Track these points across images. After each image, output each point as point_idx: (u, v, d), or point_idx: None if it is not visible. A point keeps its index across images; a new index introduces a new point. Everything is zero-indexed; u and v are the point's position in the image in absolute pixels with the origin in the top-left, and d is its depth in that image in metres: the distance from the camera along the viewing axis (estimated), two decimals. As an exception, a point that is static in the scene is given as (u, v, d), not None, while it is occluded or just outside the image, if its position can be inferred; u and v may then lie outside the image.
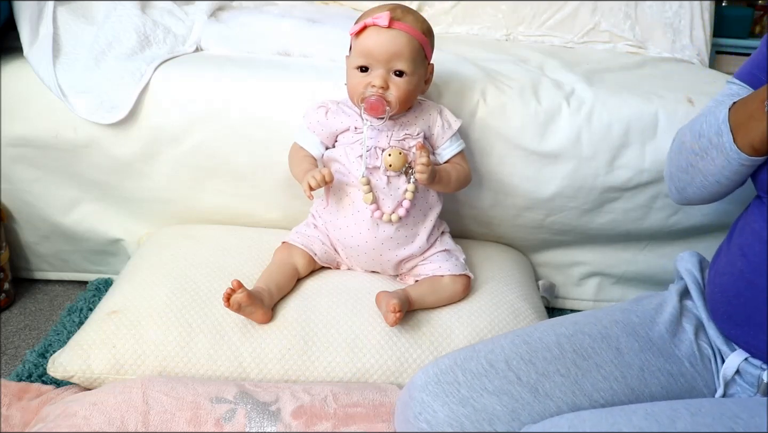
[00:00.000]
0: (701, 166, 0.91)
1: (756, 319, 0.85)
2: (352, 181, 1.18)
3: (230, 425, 0.97)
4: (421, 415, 0.85)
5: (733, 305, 0.89)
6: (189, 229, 1.38)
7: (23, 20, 1.34)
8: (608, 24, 1.71)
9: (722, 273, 0.92)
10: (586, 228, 1.42)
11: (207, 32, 1.49)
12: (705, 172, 0.91)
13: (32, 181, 1.40)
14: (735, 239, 0.91)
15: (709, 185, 0.92)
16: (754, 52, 0.97)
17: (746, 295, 0.86)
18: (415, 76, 1.14)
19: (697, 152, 0.92)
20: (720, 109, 0.89)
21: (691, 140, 0.93)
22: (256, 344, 1.11)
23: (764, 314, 0.84)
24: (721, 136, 0.87)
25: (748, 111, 0.84)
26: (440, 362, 0.90)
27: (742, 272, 0.87)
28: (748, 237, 0.88)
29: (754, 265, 0.85)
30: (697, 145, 0.92)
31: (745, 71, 0.96)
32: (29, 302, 1.49)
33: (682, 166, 0.96)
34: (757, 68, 0.93)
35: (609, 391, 0.88)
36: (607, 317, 0.95)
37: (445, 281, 1.20)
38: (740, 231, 0.91)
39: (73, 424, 0.96)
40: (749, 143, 0.84)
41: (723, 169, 0.88)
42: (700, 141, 0.91)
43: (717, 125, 0.88)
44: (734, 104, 0.88)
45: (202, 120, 1.32)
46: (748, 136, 0.84)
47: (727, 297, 0.90)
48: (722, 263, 0.93)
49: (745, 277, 0.86)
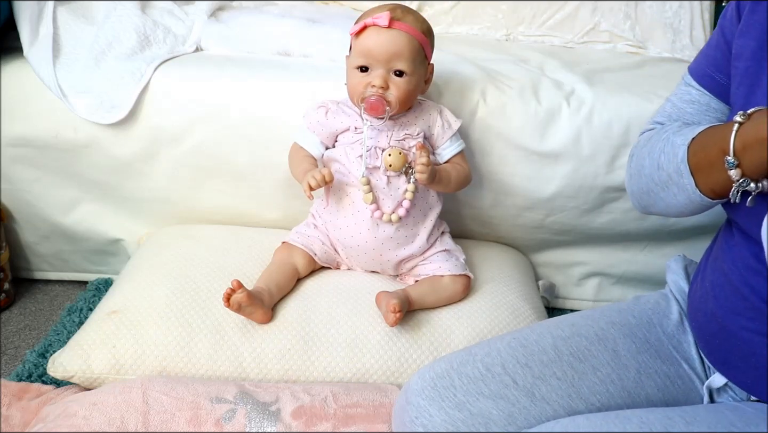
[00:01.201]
0: (663, 196, 0.87)
1: (733, 362, 0.84)
2: (352, 181, 1.18)
3: (230, 425, 0.97)
4: (418, 419, 0.85)
5: (711, 344, 0.87)
6: (189, 229, 1.38)
7: (23, 20, 1.34)
8: (608, 24, 1.71)
9: (697, 309, 0.90)
10: (586, 228, 1.42)
11: (207, 32, 1.49)
12: (667, 201, 0.87)
13: (32, 181, 1.40)
14: (709, 273, 0.89)
15: (672, 211, 0.89)
16: (708, 43, 0.90)
17: (720, 337, 0.84)
18: (415, 76, 1.14)
19: (657, 183, 0.87)
20: (678, 144, 0.83)
21: (650, 170, 0.88)
22: (256, 344, 1.11)
23: (740, 357, 0.82)
24: (681, 177, 0.82)
25: (709, 158, 0.78)
26: (436, 365, 0.89)
27: (714, 315, 0.85)
28: (718, 277, 0.85)
29: (724, 310, 0.83)
30: (656, 176, 0.87)
31: (701, 72, 0.90)
32: (29, 302, 1.49)
33: (643, 189, 0.92)
34: (714, 67, 0.88)
35: (605, 394, 0.87)
36: (603, 318, 0.95)
37: (445, 281, 1.20)
38: (712, 266, 0.88)
39: (73, 424, 0.96)
40: (710, 188, 0.80)
41: (688, 204, 0.84)
42: (660, 174, 0.86)
43: (676, 164, 0.83)
44: (693, 142, 0.81)
45: (202, 120, 1.32)
46: (709, 182, 0.79)
47: (705, 337, 0.88)
48: (697, 297, 0.91)
49: (718, 320, 0.84)
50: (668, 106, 0.94)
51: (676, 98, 0.93)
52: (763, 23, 0.79)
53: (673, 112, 0.93)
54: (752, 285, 0.79)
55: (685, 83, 0.93)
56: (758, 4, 0.80)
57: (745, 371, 0.82)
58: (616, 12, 1.71)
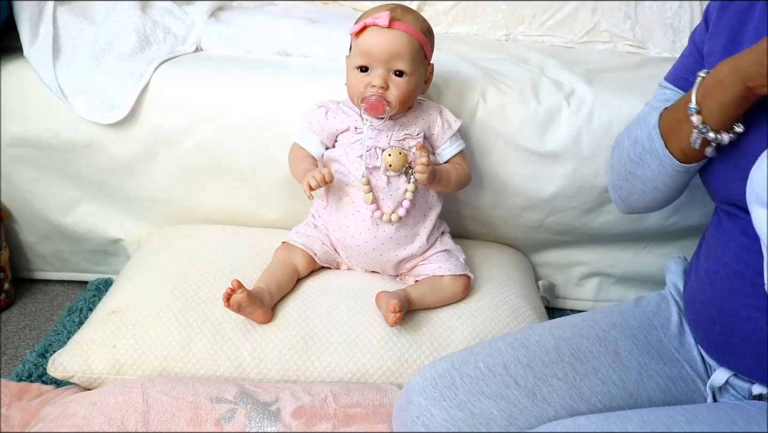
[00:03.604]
0: (638, 173, 0.92)
1: (734, 346, 0.84)
2: (352, 181, 1.18)
3: (230, 425, 0.97)
4: (419, 419, 0.85)
5: (710, 333, 0.88)
6: (189, 229, 1.38)
7: (23, 20, 1.34)
8: (608, 24, 1.71)
9: (694, 300, 0.91)
10: (586, 228, 1.42)
11: (207, 32, 1.49)
12: (643, 178, 0.92)
13: (32, 181, 1.40)
14: (702, 263, 0.90)
15: (648, 191, 0.93)
16: (682, 53, 0.98)
17: (720, 323, 0.85)
18: (415, 76, 1.14)
19: (633, 159, 0.93)
20: (653, 115, 0.90)
21: (628, 148, 0.95)
22: (256, 344, 1.11)
23: (741, 339, 0.83)
24: (652, 142, 0.88)
25: (677, 116, 0.85)
26: (438, 365, 0.89)
27: (712, 300, 0.86)
28: (712, 263, 0.87)
29: (722, 293, 0.84)
30: (632, 152, 0.93)
31: (676, 75, 0.97)
32: (29, 302, 1.49)
33: (621, 175, 0.97)
34: (688, 71, 0.94)
35: (607, 395, 0.87)
36: (605, 319, 0.95)
37: (445, 281, 1.20)
38: (705, 256, 0.90)
39: (73, 424, 0.96)
40: (679, 148, 0.86)
41: (659, 175, 0.90)
42: (635, 148, 0.92)
43: (648, 131, 0.89)
44: (665, 110, 0.89)
45: (202, 120, 1.32)
46: (678, 141, 0.85)
47: (703, 325, 0.89)
48: (693, 289, 0.92)
49: (716, 305, 0.85)
50: (645, 109, 0.99)
51: (652, 100, 0.99)
52: (731, 22, 0.86)
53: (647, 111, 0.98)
54: (746, 261, 0.81)
55: (661, 87, 0.99)
56: (724, 7, 0.88)
57: (747, 354, 0.83)
58: (616, 12, 1.71)
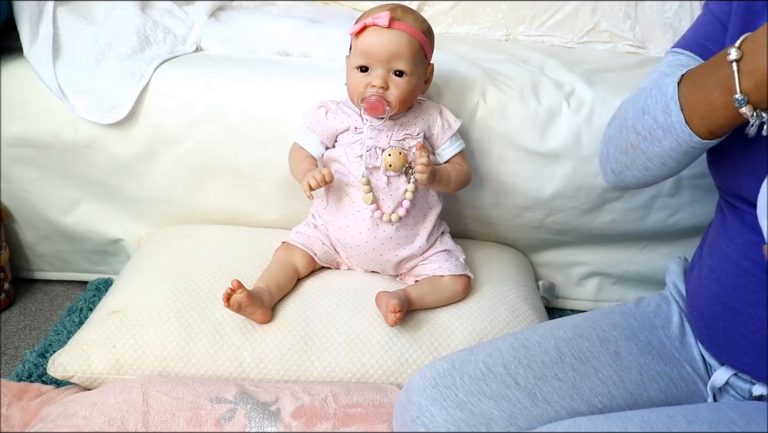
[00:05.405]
0: (644, 147, 0.83)
1: (738, 342, 0.84)
2: (352, 181, 1.18)
3: (230, 425, 0.97)
4: (419, 419, 0.85)
5: (713, 329, 0.87)
6: (189, 229, 1.38)
7: (23, 20, 1.34)
8: (608, 24, 1.71)
9: (698, 297, 0.90)
10: (586, 228, 1.42)
11: (207, 32, 1.49)
12: (649, 154, 0.83)
13: (32, 181, 1.40)
14: (706, 258, 0.89)
15: (653, 168, 0.84)
16: (697, 22, 0.88)
17: (725, 319, 0.84)
18: (415, 76, 1.14)
19: (639, 132, 0.83)
20: (667, 83, 0.79)
21: (634, 118, 0.84)
22: (256, 344, 1.11)
23: (745, 336, 0.82)
24: (669, 116, 0.77)
25: (708, 98, 0.74)
26: (438, 365, 0.89)
27: (717, 296, 0.85)
28: (717, 259, 0.86)
29: (727, 289, 0.83)
30: (640, 124, 0.82)
31: (692, 42, 0.87)
32: (29, 302, 1.49)
33: (621, 147, 0.87)
34: (708, 40, 0.85)
35: (607, 396, 0.87)
36: (605, 320, 0.95)
37: (445, 281, 1.20)
38: (709, 251, 0.89)
39: (73, 424, 0.96)
40: (707, 128, 0.76)
41: (671, 152, 0.80)
42: (644, 119, 0.82)
43: (665, 102, 0.78)
44: (683, 79, 0.78)
45: (202, 120, 1.32)
46: (707, 122, 0.75)
47: (707, 322, 0.88)
48: (696, 285, 0.91)
49: (721, 301, 0.84)
50: (655, 75, 0.90)
51: (663, 66, 0.89)
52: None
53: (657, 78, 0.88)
54: (752, 258, 0.80)
55: (672, 53, 0.90)
56: None
57: (751, 352, 0.82)
58: (616, 12, 1.72)
